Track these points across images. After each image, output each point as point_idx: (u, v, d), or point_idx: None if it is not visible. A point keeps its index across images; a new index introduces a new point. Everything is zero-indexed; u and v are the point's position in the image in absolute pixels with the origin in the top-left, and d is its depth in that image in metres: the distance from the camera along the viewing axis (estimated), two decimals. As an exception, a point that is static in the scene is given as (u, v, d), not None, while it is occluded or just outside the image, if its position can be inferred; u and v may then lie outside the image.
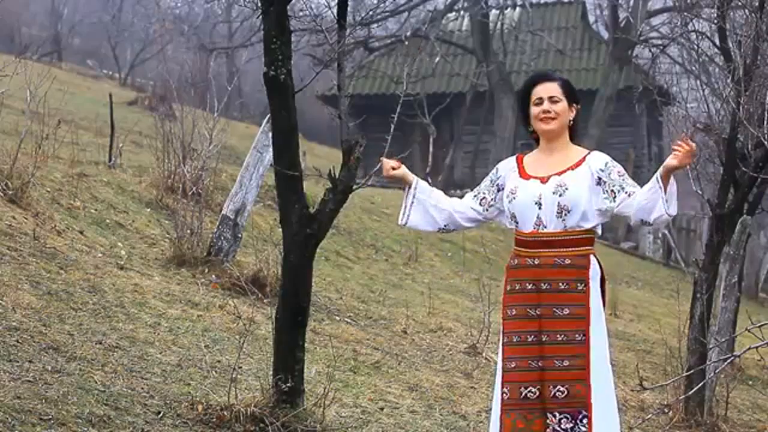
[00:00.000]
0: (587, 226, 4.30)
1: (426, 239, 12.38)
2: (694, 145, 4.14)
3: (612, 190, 4.25)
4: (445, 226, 4.57)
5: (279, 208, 4.96)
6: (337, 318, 7.62)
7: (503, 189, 4.44)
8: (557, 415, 4.22)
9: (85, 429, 4.32)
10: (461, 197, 4.64)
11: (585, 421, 4.20)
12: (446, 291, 10.34)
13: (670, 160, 4.10)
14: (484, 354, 7.35)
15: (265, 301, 7.15)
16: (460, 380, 6.73)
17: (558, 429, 4.21)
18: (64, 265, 6.66)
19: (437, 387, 6.41)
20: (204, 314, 6.61)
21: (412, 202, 4.53)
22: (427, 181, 4.73)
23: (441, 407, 6.03)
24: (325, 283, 8.71)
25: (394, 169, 4.51)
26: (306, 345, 5.04)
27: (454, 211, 4.52)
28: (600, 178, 4.28)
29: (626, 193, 4.23)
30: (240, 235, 7.97)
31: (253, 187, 8.00)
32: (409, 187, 4.53)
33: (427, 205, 4.52)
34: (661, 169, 4.14)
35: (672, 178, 4.13)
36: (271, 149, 5.90)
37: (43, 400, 4.42)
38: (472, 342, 7.57)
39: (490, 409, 4.56)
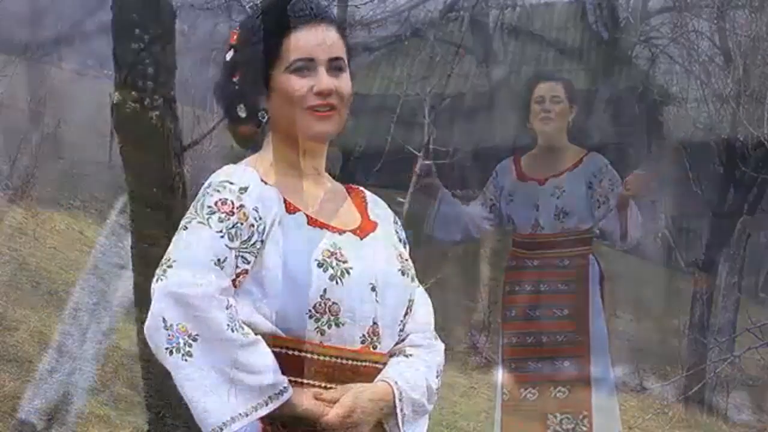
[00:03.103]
0: (585, 227, 4.28)
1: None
2: (644, 174, 4.15)
3: (597, 200, 4.24)
4: (461, 239, 4.55)
5: (279, 208, 4.93)
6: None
7: (504, 191, 4.42)
8: (558, 415, 4.21)
9: (85, 429, 4.31)
10: (461, 198, 4.61)
11: (586, 421, 4.19)
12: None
13: (623, 190, 4.09)
14: (484, 354, 7.34)
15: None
16: (460, 380, 6.72)
17: (559, 429, 4.20)
18: (64, 265, 6.65)
19: (437, 387, 6.39)
20: (204, 314, 6.59)
21: (437, 215, 4.46)
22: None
23: (441, 407, 6.02)
24: (325, 283, 8.68)
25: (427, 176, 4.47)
26: (306, 345, 5.02)
27: (470, 221, 4.46)
28: (591, 183, 4.26)
29: (608, 207, 4.21)
30: (240, 235, 7.94)
31: (253, 187, 7.97)
32: (435, 197, 4.46)
33: (449, 218, 4.45)
34: (617, 197, 4.13)
35: (632, 204, 4.13)
36: (271, 149, 5.87)
37: (43, 400, 4.42)
38: (473, 342, 7.56)
39: (491, 410, 4.55)
